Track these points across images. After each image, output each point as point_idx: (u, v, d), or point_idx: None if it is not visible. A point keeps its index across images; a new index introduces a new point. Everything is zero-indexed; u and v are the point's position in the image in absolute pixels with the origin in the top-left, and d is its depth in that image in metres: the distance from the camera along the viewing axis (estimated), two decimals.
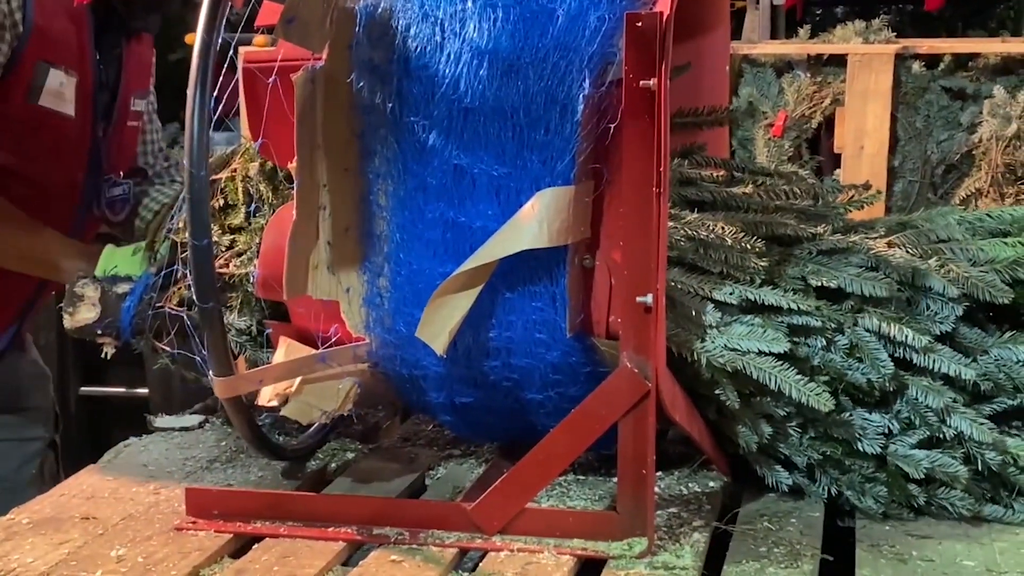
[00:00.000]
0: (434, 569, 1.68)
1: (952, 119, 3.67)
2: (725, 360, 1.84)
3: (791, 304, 1.89)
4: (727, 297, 1.90)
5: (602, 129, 1.72)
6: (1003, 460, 1.86)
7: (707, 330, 1.87)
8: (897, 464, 1.86)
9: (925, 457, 1.85)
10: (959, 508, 1.85)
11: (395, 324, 1.86)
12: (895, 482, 1.87)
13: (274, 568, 1.69)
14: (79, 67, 2.39)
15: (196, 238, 1.71)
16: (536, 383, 1.84)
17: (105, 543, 1.79)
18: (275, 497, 1.90)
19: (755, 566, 1.69)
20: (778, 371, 1.84)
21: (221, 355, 1.78)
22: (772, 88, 3.89)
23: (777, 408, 1.88)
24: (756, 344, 1.85)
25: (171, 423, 2.38)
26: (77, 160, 2.46)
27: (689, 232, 1.95)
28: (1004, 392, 1.92)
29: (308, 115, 1.79)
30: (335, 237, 1.84)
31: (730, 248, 1.93)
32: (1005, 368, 1.92)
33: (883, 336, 1.90)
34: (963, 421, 1.86)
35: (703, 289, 1.91)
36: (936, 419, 1.88)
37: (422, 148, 1.78)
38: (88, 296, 2.16)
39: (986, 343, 1.95)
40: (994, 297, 1.94)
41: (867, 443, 1.87)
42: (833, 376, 1.88)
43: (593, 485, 1.98)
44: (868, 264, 1.98)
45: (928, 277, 1.95)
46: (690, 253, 1.94)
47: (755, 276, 1.92)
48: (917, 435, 1.88)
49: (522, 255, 1.73)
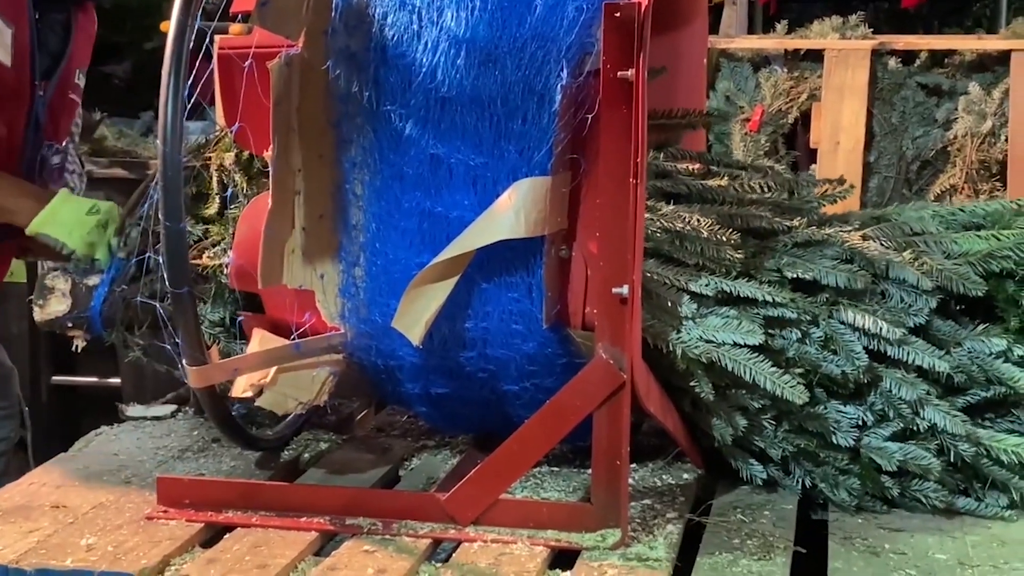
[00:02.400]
0: (407, 559, 1.67)
1: (928, 115, 3.68)
2: (700, 351, 1.84)
3: (766, 296, 1.89)
4: (703, 289, 1.90)
5: (579, 119, 1.72)
6: (976, 452, 1.87)
7: (683, 321, 1.87)
8: (870, 456, 1.87)
9: (898, 449, 1.86)
10: (932, 500, 1.86)
11: (371, 314, 1.86)
12: (868, 474, 1.87)
13: (246, 558, 1.68)
14: (16, 20, 2.37)
15: (170, 221, 1.69)
16: (512, 374, 1.84)
17: (75, 531, 1.78)
18: (247, 487, 1.89)
19: (728, 558, 1.69)
20: (753, 363, 1.84)
21: (194, 343, 1.77)
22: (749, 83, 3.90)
23: (752, 400, 1.88)
24: (731, 336, 1.85)
25: (143, 412, 2.37)
26: (16, 114, 2.43)
27: (665, 224, 1.95)
28: (977, 384, 1.93)
29: (284, 101, 1.77)
30: (310, 223, 1.83)
31: (706, 240, 1.93)
32: (978, 360, 1.93)
33: (857, 328, 1.90)
34: (936, 413, 1.87)
35: (679, 281, 1.91)
36: (910, 411, 1.88)
37: (399, 137, 1.77)
38: (58, 288, 2.15)
39: (960, 335, 1.95)
40: (968, 289, 1.95)
41: (841, 436, 1.88)
42: (808, 368, 1.89)
43: (567, 477, 1.98)
44: (843, 256, 1.98)
45: (902, 269, 1.95)
46: (666, 245, 1.94)
47: (731, 268, 1.92)
48: (891, 427, 1.89)
49: (499, 245, 1.73)
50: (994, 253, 1.99)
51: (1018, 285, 1.98)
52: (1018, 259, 1.98)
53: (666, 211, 1.99)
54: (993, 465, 1.87)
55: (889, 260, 1.96)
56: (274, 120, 1.77)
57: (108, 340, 2.19)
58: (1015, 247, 1.98)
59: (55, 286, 2.15)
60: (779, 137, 3.84)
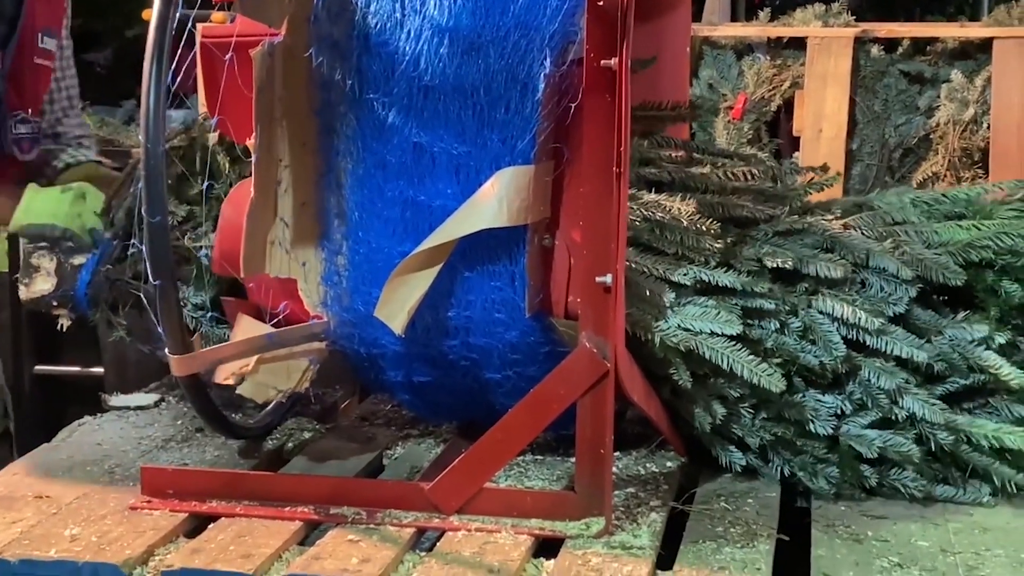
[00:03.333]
0: (391, 548, 1.67)
1: (910, 103, 3.68)
2: (678, 340, 1.84)
3: (745, 286, 1.90)
4: (682, 278, 1.90)
5: (563, 108, 1.72)
6: (955, 439, 1.88)
7: (662, 310, 1.87)
8: (850, 444, 1.88)
9: (877, 437, 1.87)
10: (911, 489, 1.87)
11: (353, 303, 1.85)
12: (847, 463, 1.88)
13: (230, 547, 1.68)
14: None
15: (151, 215, 1.68)
16: (495, 362, 1.84)
17: (59, 522, 1.78)
18: (231, 476, 1.88)
19: (712, 546, 1.69)
20: (731, 352, 1.84)
21: (176, 333, 1.77)
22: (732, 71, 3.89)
23: (730, 389, 1.89)
24: (709, 325, 1.85)
25: (126, 402, 2.36)
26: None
27: (645, 213, 1.95)
28: (958, 372, 1.94)
29: (266, 90, 1.77)
30: (292, 212, 1.82)
31: (685, 229, 1.93)
32: (959, 348, 1.94)
33: (836, 318, 1.91)
34: (915, 402, 1.88)
35: (658, 270, 1.91)
36: (888, 400, 1.89)
37: (381, 126, 1.77)
38: (44, 267, 2.14)
39: (940, 324, 1.96)
40: (948, 279, 1.96)
41: (819, 424, 1.88)
42: (786, 358, 1.89)
43: (551, 465, 1.98)
44: (823, 245, 1.99)
45: (882, 258, 1.96)
46: (646, 234, 1.94)
47: (710, 258, 1.92)
48: (869, 416, 1.89)
49: (481, 234, 1.73)
50: (974, 243, 1.99)
51: (997, 275, 1.99)
52: (997, 249, 1.99)
53: (647, 200, 1.99)
54: (973, 452, 1.88)
55: (869, 249, 1.97)
56: (256, 109, 1.76)
57: (93, 320, 2.18)
58: (995, 237, 1.99)
59: (40, 265, 2.15)
60: (762, 125, 3.84)
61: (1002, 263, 1.99)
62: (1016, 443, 1.86)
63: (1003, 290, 1.98)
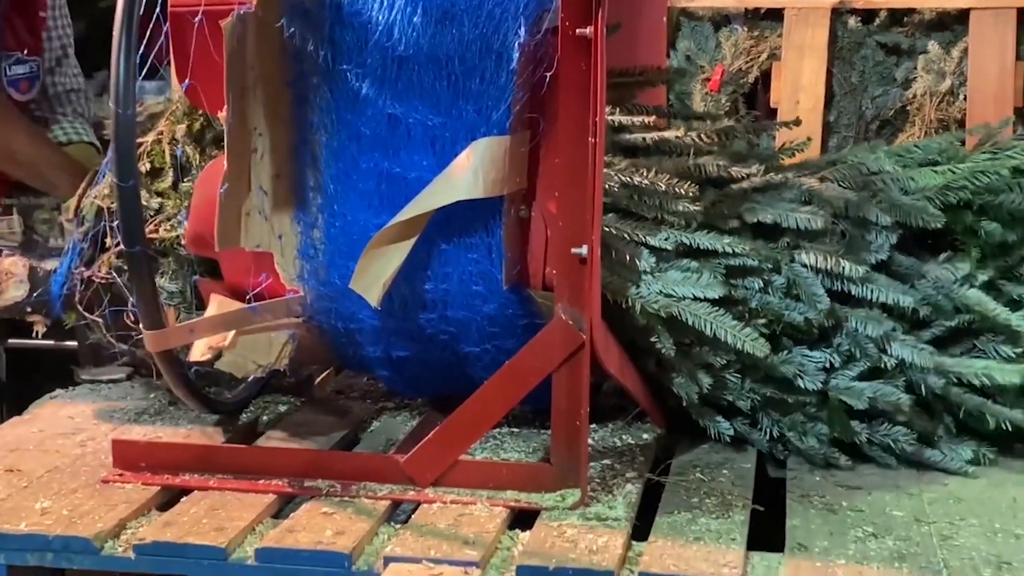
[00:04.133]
0: (366, 521, 1.67)
1: (887, 74, 3.68)
2: (660, 306, 1.83)
3: (727, 247, 1.89)
4: (662, 243, 1.89)
5: (538, 78, 1.70)
6: (945, 382, 1.88)
7: (642, 276, 1.86)
8: (840, 398, 1.87)
9: (867, 387, 1.86)
10: (902, 443, 1.87)
11: (329, 276, 1.84)
12: (837, 417, 1.87)
13: (203, 520, 1.67)
14: None
15: (122, 179, 1.67)
16: (473, 336, 1.83)
17: (29, 495, 1.76)
18: (204, 449, 1.88)
19: (687, 516, 1.70)
20: (714, 317, 1.83)
21: (150, 307, 1.75)
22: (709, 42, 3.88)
23: (716, 357, 1.88)
24: (691, 290, 1.85)
25: (99, 375, 2.34)
26: None
27: (623, 178, 1.93)
28: (943, 315, 1.93)
29: (238, 60, 1.74)
30: (266, 184, 1.81)
31: (664, 193, 1.92)
32: (943, 290, 1.94)
33: (819, 270, 1.90)
34: (903, 348, 1.88)
35: (638, 235, 1.90)
36: (876, 349, 1.89)
37: (355, 97, 1.75)
38: (16, 273, 2.12)
39: (922, 268, 1.96)
40: (926, 223, 1.95)
41: (808, 380, 1.88)
42: (771, 318, 1.88)
43: (527, 438, 1.98)
44: (802, 199, 1.97)
45: (861, 207, 1.95)
46: (624, 199, 1.93)
47: (690, 220, 1.91)
48: (858, 367, 1.89)
49: (458, 206, 1.71)
50: (950, 185, 1.99)
51: (976, 215, 1.99)
52: (975, 189, 1.99)
53: (623, 165, 1.97)
54: (965, 393, 1.88)
55: (847, 199, 1.96)
56: (228, 79, 1.74)
57: (68, 323, 2.16)
58: (970, 177, 1.99)
59: (12, 271, 2.12)
60: (739, 97, 3.82)
61: (980, 203, 1.99)
62: (1007, 378, 1.86)
63: (983, 229, 1.98)
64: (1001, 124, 2.36)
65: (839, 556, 1.58)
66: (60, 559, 1.64)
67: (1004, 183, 1.99)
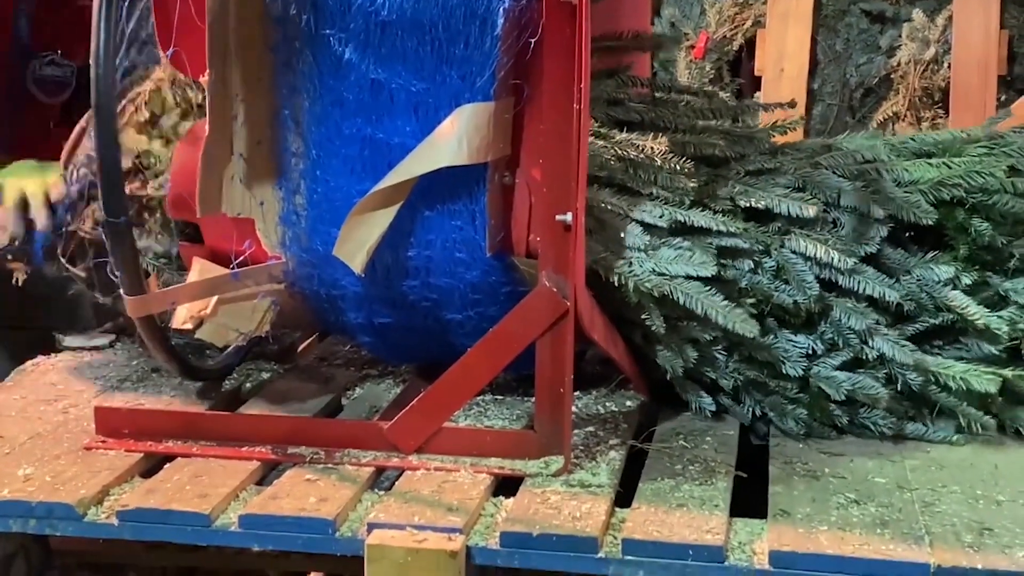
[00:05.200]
0: (350, 488, 1.67)
1: (871, 43, 3.68)
2: (652, 285, 1.83)
3: (720, 226, 1.88)
4: (656, 220, 1.88)
5: (522, 44, 1.69)
6: (924, 380, 1.88)
7: (635, 253, 1.85)
8: (819, 386, 1.88)
9: (847, 379, 1.87)
10: (881, 427, 1.88)
11: (312, 243, 1.83)
12: (817, 403, 1.88)
13: (186, 487, 1.67)
14: None
15: (103, 147, 1.65)
16: (456, 303, 1.82)
17: (12, 462, 1.76)
18: (187, 416, 1.87)
19: (670, 483, 1.70)
20: (704, 296, 1.83)
21: (132, 274, 1.74)
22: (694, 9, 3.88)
23: (703, 333, 1.88)
24: (684, 268, 1.84)
25: (81, 342, 2.33)
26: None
27: (619, 152, 1.92)
28: (926, 312, 1.93)
29: (220, 24, 1.73)
30: (248, 150, 1.79)
31: (659, 168, 1.91)
32: (927, 288, 1.93)
33: (809, 258, 1.90)
34: (885, 343, 1.88)
35: (632, 211, 1.89)
36: (858, 341, 1.89)
37: (338, 62, 1.74)
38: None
39: (909, 264, 1.96)
40: (918, 218, 1.95)
41: (790, 365, 1.88)
42: (760, 298, 1.88)
43: (511, 405, 1.98)
44: (795, 185, 1.97)
45: (854, 197, 1.95)
46: (619, 173, 1.92)
47: (684, 197, 1.90)
48: (840, 357, 1.89)
49: (441, 172, 1.71)
50: (944, 181, 1.98)
51: (968, 213, 1.98)
52: (969, 187, 1.98)
53: (620, 138, 1.96)
54: (941, 392, 1.89)
55: (841, 188, 1.96)
56: (210, 47, 1.73)
57: (50, 273, 2.14)
58: (965, 175, 1.98)
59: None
60: (724, 64, 3.83)
61: (972, 201, 1.98)
62: (983, 385, 1.86)
63: (973, 228, 1.97)
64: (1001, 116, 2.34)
65: (821, 522, 1.59)
66: (43, 525, 1.64)
67: (998, 183, 1.98)
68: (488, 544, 1.56)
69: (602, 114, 2.05)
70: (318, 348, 2.32)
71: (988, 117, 2.42)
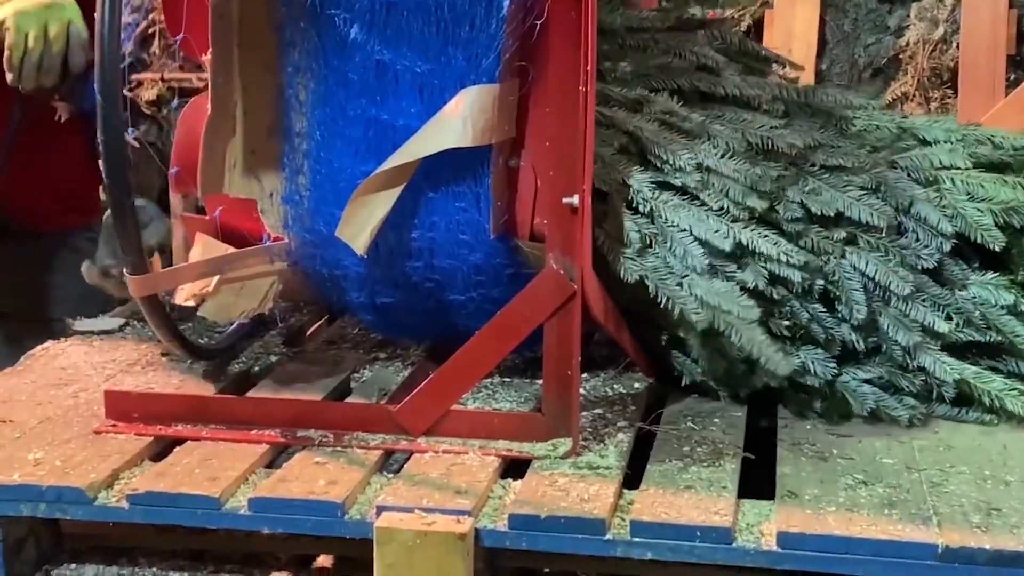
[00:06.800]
0: (359, 470, 1.67)
1: (880, 22, 3.66)
2: (700, 317, 1.79)
3: (781, 255, 1.81)
4: (720, 242, 1.80)
5: (528, 26, 1.68)
6: (958, 392, 1.87)
7: (691, 275, 1.80)
8: (844, 394, 1.86)
9: (872, 394, 1.86)
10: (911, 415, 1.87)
11: (315, 223, 1.83)
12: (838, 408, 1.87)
13: (196, 471, 1.67)
14: None
15: (107, 132, 1.65)
16: (459, 284, 1.82)
17: (22, 446, 1.76)
18: (197, 400, 1.87)
19: (678, 465, 1.70)
20: (748, 329, 1.79)
21: (135, 253, 1.75)
22: None
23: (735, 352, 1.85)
24: (731, 305, 1.77)
25: (90, 326, 2.34)
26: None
27: (696, 159, 1.85)
28: (974, 328, 1.90)
29: (224, 3, 1.72)
30: (257, 141, 1.79)
31: (733, 181, 1.84)
32: (981, 307, 1.90)
33: (866, 275, 1.86)
34: (927, 358, 1.86)
35: (699, 229, 1.81)
36: (901, 353, 1.87)
37: (343, 43, 1.73)
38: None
39: (968, 279, 1.92)
40: (986, 241, 1.91)
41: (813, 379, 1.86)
42: (798, 324, 1.85)
43: (519, 387, 1.98)
44: (870, 186, 1.92)
45: (925, 207, 1.91)
46: (692, 181, 1.85)
47: (752, 214, 1.84)
48: (870, 372, 1.87)
49: (446, 154, 1.70)
50: (1018, 208, 1.93)
51: None
52: None
53: (699, 123, 1.89)
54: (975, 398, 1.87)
55: (914, 196, 1.91)
56: (213, 23, 1.72)
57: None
58: None
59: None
60: None
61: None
62: (1017, 408, 1.85)
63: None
64: None
65: (829, 503, 1.58)
66: (53, 509, 1.64)
67: None
68: (496, 526, 1.56)
69: (687, 83, 1.98)
70: (326, 331, 2.32)
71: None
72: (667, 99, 1.96)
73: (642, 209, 1.83)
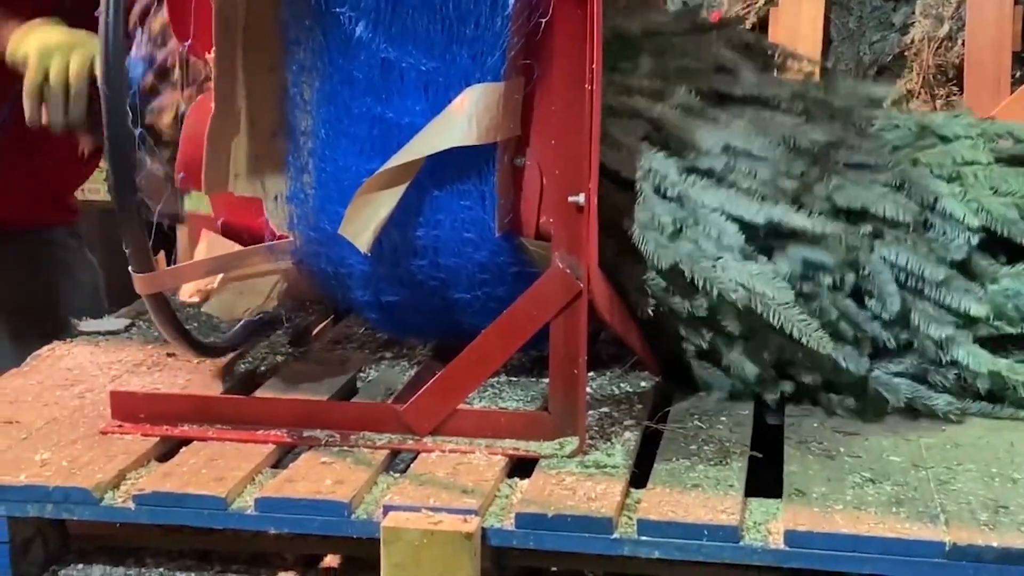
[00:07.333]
0: (365, 470, 1.67)
1: (885, 20, 3.66)
2: (736, 297, 1.78)
3: (816, 227, 1.81)
4: (754, 216, 1.80)
5: (533, 24, 1.68)
6: (991, 385, 1.87)
7: (727, 255, 1.79)
8: (877, 389, 1.86)
9: (908, 387, 1.85)
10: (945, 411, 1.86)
11: (319, 222, 1.83)
12: (872, 406, 1.87)
13: (202, 471, 1.67)
14: None
15: (113, 127, 1.65)
16: (463, 282, 1.82)
17: (28, 447, 1.76)
18: (203, 400, 1.87)
19: (685, 464, 1.70)
20: (784, 310, 1.78)
21: (141, 251, 1.75)
22: None
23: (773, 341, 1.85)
24: (765, 287, 1.77)
25: (96, 327, 2.34)
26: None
27: (732, 143, 1.85)
28: (1006, 319, 1.90)
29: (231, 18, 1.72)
30: (261, 145, 1.79)
31: (766, 162, 1.84)
32: (1014, 299, 1.89)
33: (897, 266, 1.86)
34: (960, 350, 1.85)
35: (730, 207, 1.81)
36: (934, 348, 1.86)
37: (348, 40, 1.73)
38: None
39: (997, 272, 1.92)
40: (1013, 235, 1.91)
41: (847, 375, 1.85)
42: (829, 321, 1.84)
43: (525, 386, 1.98)
44: (894, 183, 1.91)
45: (950, 202, 1.90)
46: (721, 165, 1.86)
47: (785, 195, 1.84)
48: (903, 364, 1.87)
49: (451, 152, 1.70)
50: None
51: None
52: None
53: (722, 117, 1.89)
54: (1009, 391, 1.87)
55: (939, 192, 1.91)
56: (216, 20, 1.72)
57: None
58: None
59: None
60: None
61: None
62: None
63: None
64: None
65: (837, 501, 1.58)
66: (60, 510, 1.64)
67: None
68: (503, 525, 1.56)
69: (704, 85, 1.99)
70: (332, 331, 2.32)
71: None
72: (687, 94, 1.97)
73: (670, 194, 1.83)
